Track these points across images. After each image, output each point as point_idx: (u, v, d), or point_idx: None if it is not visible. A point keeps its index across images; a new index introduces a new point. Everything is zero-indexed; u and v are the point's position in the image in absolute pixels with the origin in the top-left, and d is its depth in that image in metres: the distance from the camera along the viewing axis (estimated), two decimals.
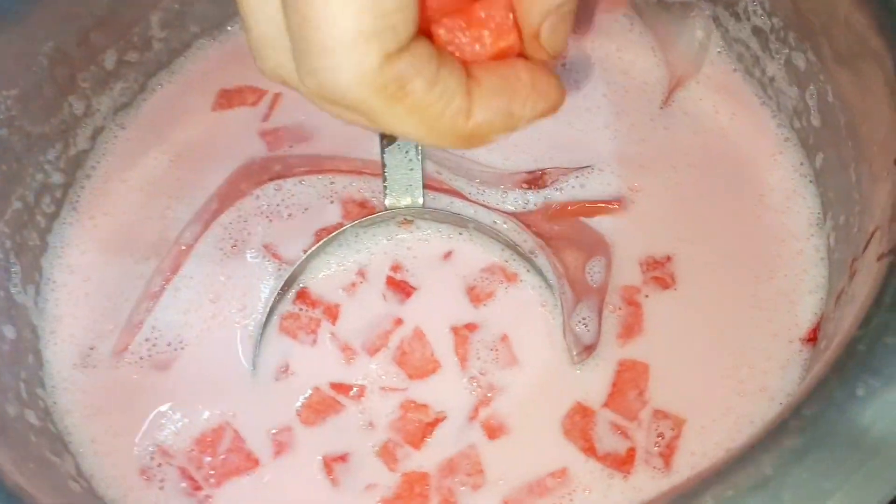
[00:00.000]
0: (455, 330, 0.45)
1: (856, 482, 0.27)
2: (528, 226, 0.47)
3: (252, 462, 0.43)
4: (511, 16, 0.29)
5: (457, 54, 0.28)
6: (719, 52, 0.52)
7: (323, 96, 0.26)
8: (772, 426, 0.30)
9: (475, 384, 0.44)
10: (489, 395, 0.44)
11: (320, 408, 0.44)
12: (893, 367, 0.29)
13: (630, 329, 0.45)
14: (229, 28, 0.56)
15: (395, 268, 0.47)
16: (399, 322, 0.46)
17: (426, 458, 0.43)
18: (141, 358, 0.46)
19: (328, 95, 0.26)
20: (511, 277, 0.47)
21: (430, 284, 0.47)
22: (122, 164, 0.52)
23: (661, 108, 0.51)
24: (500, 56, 0.29)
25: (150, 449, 0.44)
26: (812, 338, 0.43)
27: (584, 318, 0.44)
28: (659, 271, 0.46)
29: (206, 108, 0.54)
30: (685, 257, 0.46)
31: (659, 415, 0.42)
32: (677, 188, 0.48)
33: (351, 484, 0.43)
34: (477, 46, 0.29)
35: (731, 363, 0.43)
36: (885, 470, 0.27)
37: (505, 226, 0.48)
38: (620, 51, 0.53)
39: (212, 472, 0.43)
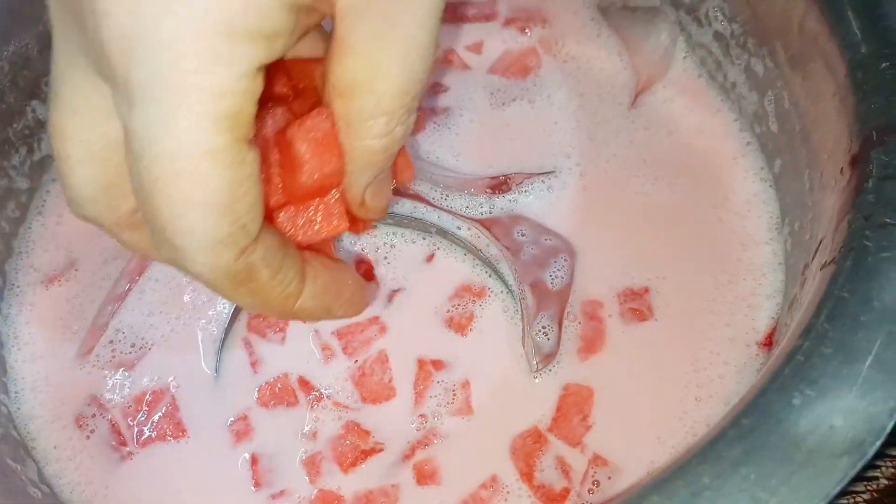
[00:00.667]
0: (421, 363, 0.45)
1: (788, 492, 0.28)
2: (490, 231, 0.47)
3: (181, 432, 0.44)
4: (341, 202, 0.31)
5: (296, 237, 0.31)
6: (685, 57, 0.52)
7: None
8: (711, 435, 0.30)
9: (423, 422, 0.44)
10: (434, 440, 0.43)
11: (281, 394, 0.45)
12: (829, 377, 0.29)
13: (592, 344, 0.45)
14: None
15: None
16: (384, 330, 0.46)
17: (348, 483, 0.42)
18: (105, 360, 0.46)
19: (180, 269, 0.27)
20: (480, 293, 0.47)
21: (414, 288, 0.47)
22: None
23: (628, 111, 0.51)
24: (333, 234, 0.32)
25: (88, 401, 0.45)
26: (768, 342, 0.43)
27: (544, 328, 0.44)
28: (636, 302, 0.46)
29: None
30: (655, 271, 0.46)
31: (598, 461, 0.42)
32: (642, 194, 0.49)
33: (267, 481, 0.43)
34: (315, 228, 0.31)
35: (689, 368, 0.43)
36: (816, 480, 0.27)
37: (469, 231, 0.48)
38: (587, 57, 0.53)
39: (140, 433, 0.44)
